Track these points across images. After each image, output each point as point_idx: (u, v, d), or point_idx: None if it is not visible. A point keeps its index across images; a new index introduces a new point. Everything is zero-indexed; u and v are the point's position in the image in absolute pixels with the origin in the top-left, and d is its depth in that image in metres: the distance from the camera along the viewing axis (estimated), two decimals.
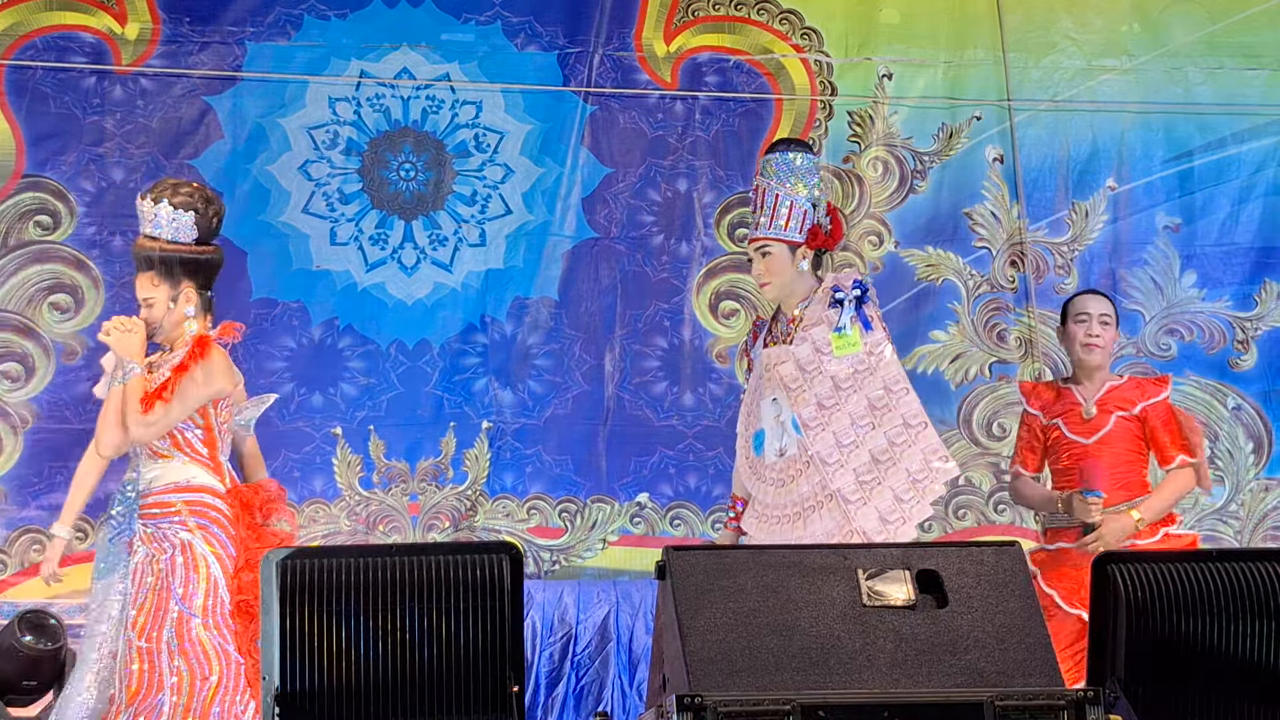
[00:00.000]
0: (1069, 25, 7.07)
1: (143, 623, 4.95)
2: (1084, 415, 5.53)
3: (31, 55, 6.65)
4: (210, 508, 5.05)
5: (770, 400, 5.08)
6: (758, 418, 5.14)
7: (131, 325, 5.10)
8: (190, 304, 5.18)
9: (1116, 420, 5.55)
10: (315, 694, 3.41)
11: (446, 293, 6.81)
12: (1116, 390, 5.61)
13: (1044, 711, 3.35)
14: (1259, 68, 7.09)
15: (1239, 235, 7.05)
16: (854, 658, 3.46)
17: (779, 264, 5.12)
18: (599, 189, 6.91)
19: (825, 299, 5.07)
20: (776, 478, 5.04)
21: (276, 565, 3.43)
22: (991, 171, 7.01)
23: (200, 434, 5.11)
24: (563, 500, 6.78)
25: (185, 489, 5.06)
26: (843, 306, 5.01)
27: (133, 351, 5.07)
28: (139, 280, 5.20)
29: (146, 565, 5.01)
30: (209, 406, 5.11)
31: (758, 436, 5.13)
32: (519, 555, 3.52)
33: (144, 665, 4.92)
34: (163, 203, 5.14)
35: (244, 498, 5.15)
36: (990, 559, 3.65)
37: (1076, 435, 5.57)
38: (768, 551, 3.98)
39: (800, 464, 4.99)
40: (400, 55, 6.86)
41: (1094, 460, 5.51)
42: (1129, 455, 5.55)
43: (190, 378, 5.03)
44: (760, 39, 7.00)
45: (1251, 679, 3.48)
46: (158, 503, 5.05)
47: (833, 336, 5.01)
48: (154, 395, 5.03)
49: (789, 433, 5.02)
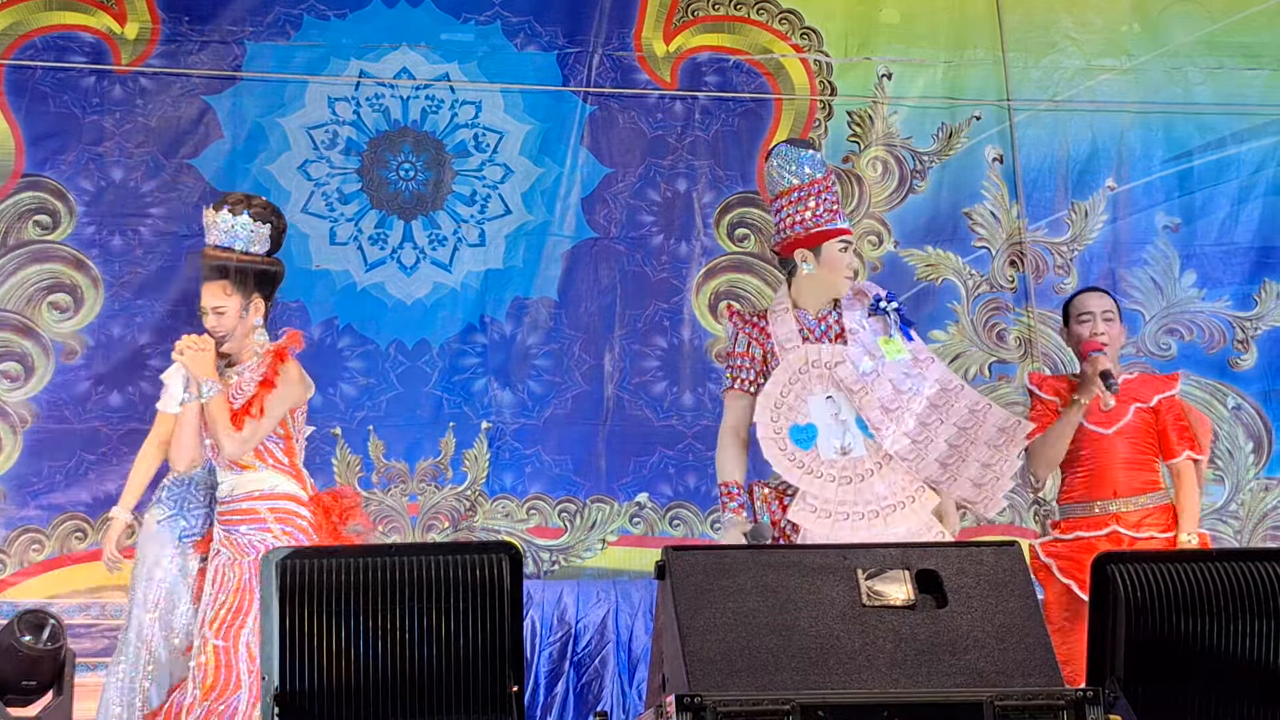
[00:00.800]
0: (1069, 25, 7.07)
1: (223, 620, 5.10)
2: (1102, 406, 5.51)
3: (31, 55, 6.65)
4: (295, 515, 5.19)
5: (825, 398, 5.13)
6: (800, 412, 5.15)
7: (204, 344, 5.19)
8: (258, 314, 5.30)
9: (1135, 411, 5.56)
10: (315, 694, 3.41)
11: (446, 293, 6.81)
12: (1129, 384, 5.62)
13: (1043, 711, 3.35)
14: (1258, 67, 7.09)
15: (1238, 235, 7.05)
16: (853, 658, 3.46)
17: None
18: (598, 189, 6.91)
19: (861, 304, 5.15)
20: (839, 474, 5.09)
21: (276, 565, 3.43)
22: (991, 171, 7.01)
23: (281, 443, 5.25)
24: (562, 500, 6.78)
25: (270, 496, 5.20)
26: (886, 315, 5.12)
27: (207, 370, 5.17)
28: (209, 289, 5.26)
29: (229, 568, 5.15)
30: (287, 416, 5.25)
31: (805, 430, 5.14)
32: (518, 555, 3.52)
33: (219, 662, 5.06)
34: (243, 215, 5.26)
35: (324, 504, 5.28)
36: (990, 559, 3.65)
37: (1096, 426, 5.56)
38: (767, 551, 3.99)
39: (871, 464, 5.09)
40: (400, 55, 6.86)
41: (1099, 344, 5.52)
42: (1144, 447, 5.58)
43: (276, 393, 5.17)
44: (760, 39, 7.00)
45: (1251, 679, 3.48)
46: (241, 509, 5.20)
47: (881, 341, 5.11)
48: (243, 412, 5.15)
49: (853, 431, 5.11)
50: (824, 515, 5.10)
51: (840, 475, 5.10)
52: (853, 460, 5.10)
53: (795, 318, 5.21)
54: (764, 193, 6.18)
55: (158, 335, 6.60)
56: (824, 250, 5.22)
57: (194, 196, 6.67)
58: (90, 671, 6.24)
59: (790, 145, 5.32)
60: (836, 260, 5.24)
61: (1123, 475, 5.52)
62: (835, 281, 5.22)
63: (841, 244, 5.24)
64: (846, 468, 5.10)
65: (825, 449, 5.12)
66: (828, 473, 5.10)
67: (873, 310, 5.20)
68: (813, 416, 5.14)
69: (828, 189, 5.25)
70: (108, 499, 6.50)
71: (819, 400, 5.14)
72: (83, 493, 6.51)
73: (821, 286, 5.23)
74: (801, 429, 5.15)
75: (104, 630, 6.41)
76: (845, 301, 5.24)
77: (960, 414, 5.15)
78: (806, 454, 5.13)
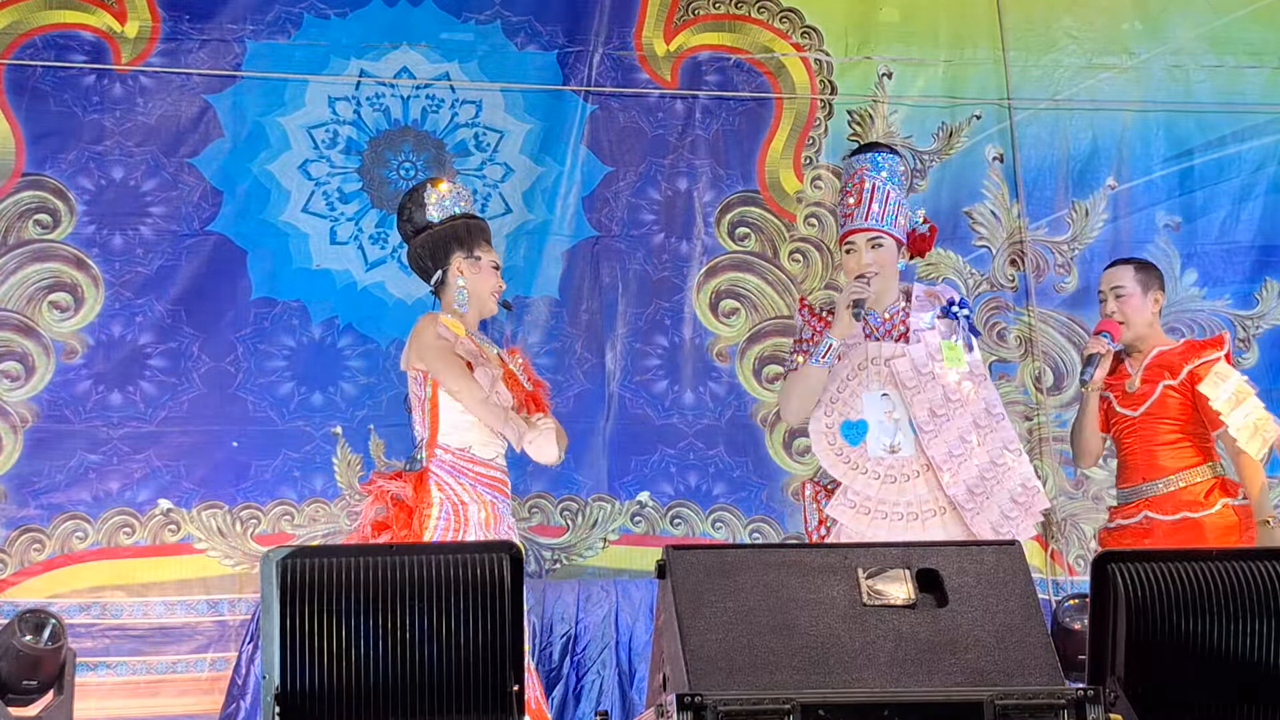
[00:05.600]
0: (1070, 23, 7.07)
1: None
2: (1127, 388, 5.43)
3: (31, 54, 6.64)
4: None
5: (880, 395, 5.12)
6: (853, 408, 5.14)
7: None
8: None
9: (1162, 391, 5.42)
10: (315, 693, 3.40)
11: None
12: (1165, 356, 5.47)
13: (1044, 711, 3.35)
14: (1260, 65, 7.09)
15: (1239, 234, 7.05)
16: (854, 657, 3.46)
17: (889, 257, 5.23)
18: (599, 188, 6.91)
19: (933, 304, 5.14)
20: (885, 473, 5.08)
21: (276, 565, 3.43)
22: (991, 170, 7.01)
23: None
24: (564, 499, 6.78)
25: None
26: (957, 320, 5.09)
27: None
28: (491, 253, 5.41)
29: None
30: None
31: (856, 426, 5.13)
32: (519, 554, 3.51)
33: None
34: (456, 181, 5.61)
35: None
36: (990, 558, 3.65)
37: (1124, 408, 5.47)
38: (768, 551, 3.98)
39: (918, 464, 5.07)
40: (400, 54, 6.86)
41: (1113, 324, 5.40)
42: (1181, 423, 5.40)
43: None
44: (760, 38, 7.00)
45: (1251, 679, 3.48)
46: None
47: (943, 344, 5.08)
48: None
49: (904, 431, 5.09)
50: (862, 512, 5.07)
51: (885, 473, 5.07)
52: (900, 459, 5.07)
53: (857, 316, 5.12)
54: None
55: (158, 334, 6.60)
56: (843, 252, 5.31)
57: (194, 195, 6.67)
58: (90, 671, 6.25)
59: (872, 147, 5.39)
60: (845, 261, 5.29)
61: (1155, 457, 5.38)
62: (850, 282, 5.21)
63: (846, 247, 5.27)
64: (893, 466, 5.07)
65: (874, 446, 5.09)
66: (873, 469, 5.08)
67: (944, 313, 5.18)
68: (865, 413, 5.13)
69: (850, 190, 5.26)
70: (108, 498, 6.51)
71: (874, 397, 5.13)
72: (83, 492, 6.51)
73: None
74: (853, 425, 5.13)
75: (104, 630, 6.42)
76: (916, 301, 5.22)
77: (996, 446, 5.11)
78: (854, 450, 5.12)
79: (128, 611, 6.46)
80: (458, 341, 5.21)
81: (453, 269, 5.32)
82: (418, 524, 5.12)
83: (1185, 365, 5.43)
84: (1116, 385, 5.51)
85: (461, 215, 5.39)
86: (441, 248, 5.35)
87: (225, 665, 6.36)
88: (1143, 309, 5.56)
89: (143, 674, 6.43)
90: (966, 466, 5.05)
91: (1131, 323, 5.53)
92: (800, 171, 6.99)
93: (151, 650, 6.44)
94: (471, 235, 5.36)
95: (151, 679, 6.43)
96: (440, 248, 5.35)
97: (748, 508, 6.81)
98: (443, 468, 5.17)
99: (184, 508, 6.55)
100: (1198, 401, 5.39)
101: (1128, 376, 5.50)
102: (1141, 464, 5.45)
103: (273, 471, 6.62)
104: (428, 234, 5.35)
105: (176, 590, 6.52)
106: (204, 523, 6.55)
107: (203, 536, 6.55)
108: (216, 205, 6.70)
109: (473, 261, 5.33)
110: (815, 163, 6.99)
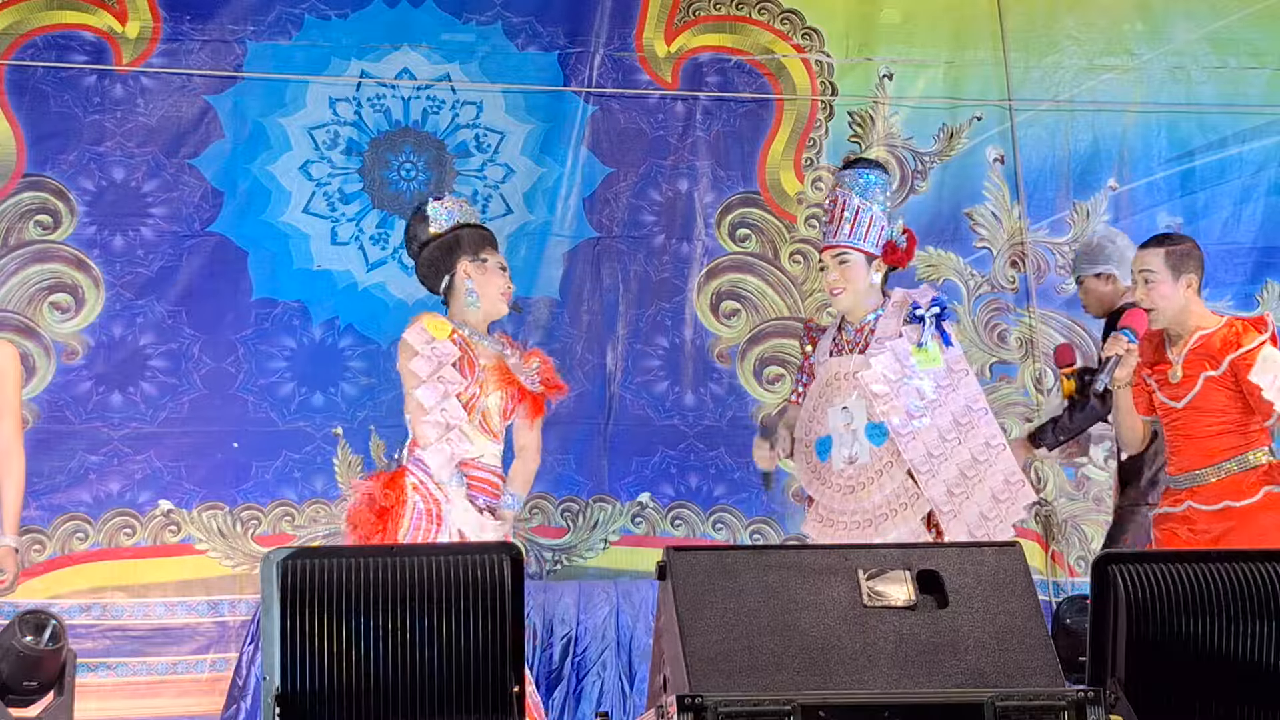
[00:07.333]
0: (1071, 24, 7.07)
1: None
2: (1170, 378, 5.27)
3: (32, 54, 6.65)
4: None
5: (840, 408, 5.20)
6: (822, 425, 5.23)
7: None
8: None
9: (1204, 382, 5.20)
10: (316, 694, 3.40)
11: None
12: (1206, 341, 5.23)
13: (1044, 712, 3.35)
14: (1261, 66, 7.09)
15: (1240, 235, 7.05)
16: (854, 658, 3.45)
17: (856, 273, 5.24)
18: (600, 189, 6.91)
19: (900, 313, 5.18)
20: (845, 484, 5.17)
21: (277, 565, 3.43)
22: (992, 171, 7.01)
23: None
24: (565, 500, 6.78)
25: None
26: (923, 323, 5.12)
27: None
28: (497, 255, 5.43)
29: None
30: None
31: (823, 442, 5.22)
32: (519, 555, 3.51)
33: None
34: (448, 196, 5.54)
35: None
36: (990, 559, 3.65)
37: (1168, 399, 5.29)
38: (768, 552, 3.99)
39: (873, 472, 5.14)
40: (401, 55, 6.86)
41: (1138, 316, 5.22)
42: (1227, 412, 5.21)
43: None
44: (761, 39, 7.00)
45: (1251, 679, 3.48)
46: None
47: (913, 350, 5.11)
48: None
49: (860, 441, 5.15)
50: (827, 524, 5.19)
51: (845, 485, 5.17)
52: (858, 468, 5.15)
53: (839, 329, 5.31)
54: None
55: (159, 335, 6.60)
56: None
57: (195, 196, 6.68)
58: (91, 672, 6.25)
59: (852, 164, 5.41)
60: (824, 277, 5.36)
61: (1201, 447, 5.22)
62: (829, 297, 5.35)
63: (821, 265, 5.37)
64: (851, 477, 5.16)
65: (836, 459, 5.19)
66: (835, 482, 5.19)
67: (909, 319, 5.21)
68: (830, 428, 5.20)
69: (829, 209, 5.32)
70: (109, 499, 6.51)
71: (836, 411, 5.21)
72: (84, 493, 6.51)
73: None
74: (823, 440, 5.24)
75: (105, 630, 6.42)
76: (887, 308, 5.25)
77: (978, 443, 5.13)
78: (823, 465, 5.22)
79: (128, 612, 6.46)
80: (434, 345, 5.19)
81: (459, 272, 5.32)
82: (391, 523, 5.12)
83: (1226, 355, 5.19)
84: (1160, 373, 5.35)
85: (465, 224, 5.39)
86: (447, 253, 5.35)
87: (225, 666, 6.37)
88: (1173, 295, 5.24)
89: (143, 675, 6.43)
90: (947, 466, 5.09)
91: (1161, 310, 5.24)
92: (801, 173, 6.99)
93: (152, 651, 6.45)
94: (476, 240, 5.37)
95: (152, 680, 6.43)
96: (446, 253, 5.35)
97: (748, 509, 6.82)
98: (420, 467, 5.16)
99: (184, 508, 6.55)
100: (1247, 390, 5.16)
101: (1169, 365, 5.31)
102: (1187, 454, 5.31)
103: (273, 472, 6.62)
104: (434, 244, 5.35)
105: (177, 591, 6.52)
106: (204, 523, 6.56)
107: (203, 537, 6.55)
108: (217, 206, 6.70)
109: (479, 264, 5.33)
110: (816, 164, 6.99)
